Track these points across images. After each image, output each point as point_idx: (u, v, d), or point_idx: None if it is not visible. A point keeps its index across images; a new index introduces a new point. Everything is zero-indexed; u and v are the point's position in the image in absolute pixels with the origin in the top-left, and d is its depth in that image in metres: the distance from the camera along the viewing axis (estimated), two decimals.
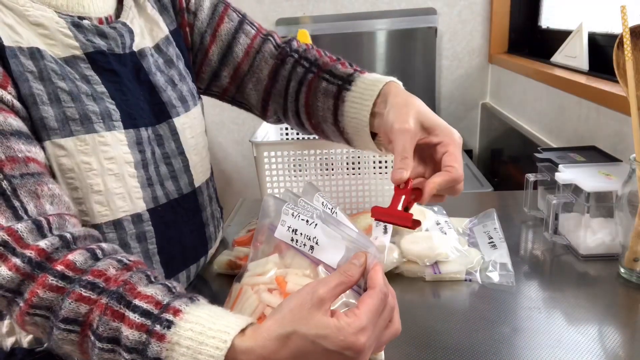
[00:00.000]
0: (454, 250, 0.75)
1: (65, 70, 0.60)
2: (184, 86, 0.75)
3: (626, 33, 0.71)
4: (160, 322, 0.46)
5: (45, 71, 0.58)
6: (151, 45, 0.72)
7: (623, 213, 0.70)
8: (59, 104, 0.58)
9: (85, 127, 0.60)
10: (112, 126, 0.62)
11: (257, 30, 0.82)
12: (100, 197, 0.61)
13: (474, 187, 1.31)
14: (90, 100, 0.61)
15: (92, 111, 0.61)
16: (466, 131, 2.09)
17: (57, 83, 0.59)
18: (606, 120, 1.09)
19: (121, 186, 0.63)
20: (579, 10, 1.55)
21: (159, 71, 0.72)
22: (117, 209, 0.63)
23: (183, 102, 0.74)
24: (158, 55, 0.73)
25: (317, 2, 1.97)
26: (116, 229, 0.63)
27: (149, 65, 0.70)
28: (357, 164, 0.89)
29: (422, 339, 0.61)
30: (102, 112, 0.61)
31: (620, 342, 0.59)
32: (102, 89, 0.63)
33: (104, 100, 0.62)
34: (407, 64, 1.99)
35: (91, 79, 0.62)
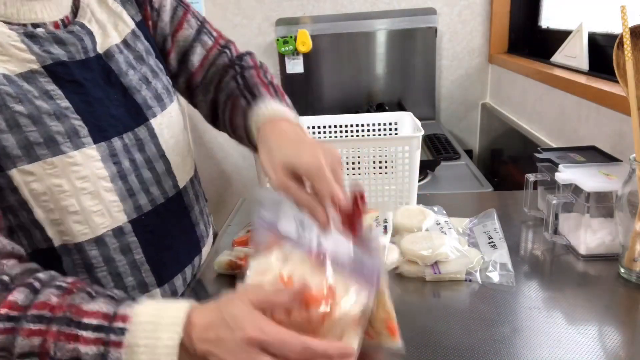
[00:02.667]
0: (454, 250, 0.74)
1: (23, 89, 0.56)
2: (158, 83, 0.72)
3: (626, 33, 0.70)
4: (113, 331, 0.48)
5: (0, 96, 0.54)
6: (119, 42, 0.68)
7: (623, 213, 0.70)
8: (19, 129, 0.55)
9: (52, 149, 0.57)
10: (80, 144, 0.59)
11: (214, 42, 0.80)
12: (78, 217, 0.60)
13: (474, 187, 1.31)
14: (53, 120, 0.57)
15: (56, 132, 0.57)
16: (466, 131, 2.09)
17: (14, 107, 0.55)
18: (606, 120, 1.09)
19: (98, 203, 0.61)
20: (579, 10, 1.55)
21: (131, 68, 0.68)
22: (97, 226, 0.62)
23: (159, 101, 0.71)
24: (127, 52, 0.69)
25: (317, 2, 1.97)
26: (98, 245, 0.62)
27: (119, 66, 0.67)
28: (357, 164, 0.89)
29: (422, 339, 0.61)
30: (67, 130, 0.58)
31: (620, 342, 0.59)
32: (65, 103, 0.59)
33: (68, 117, 0.59)
34: (407, 64, 1.99)
35: (53, 94, 0.58)
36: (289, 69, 2.00)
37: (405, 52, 1.97)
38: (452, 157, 1.53)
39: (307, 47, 1.94)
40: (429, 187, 1.32)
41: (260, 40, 2.04)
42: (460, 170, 1.44)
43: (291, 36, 1.94)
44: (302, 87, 2.00)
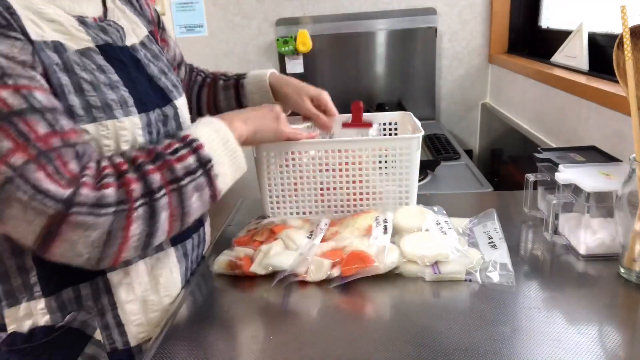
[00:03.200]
0: (454, 250, 0.74)
1: (84, 61, 0.66)
2: (172, 76, 0.83)
3: (626, 33, 0.70)
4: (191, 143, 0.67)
5: (69, 63, 0.64)
6: (138, 42, 0.79)
7: (623, 213, 0.70)
8: (82, 93, 0.64)
9: (107, 114, 0.66)
10: (128, 112, 0.68)
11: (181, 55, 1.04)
12: None
13: (474, 187, 1.31)
14: (108, 90, 0.67)
15: (111, 99, 0.67)
16: (466, 131, 2.09)
17: (80, 74, 0.64)
18: (606, 120, 1.09)
19: None
20: (579, 10, 1.55)
21: (151, 63, 0.79)
22: None
23: (176, 88, 0.83)
24: (146, 51, 0.80)
25: (317, 2, 1.97)
26: None
27: (142, 58, 0.78)
28: (358, 164, 0.89)
29: (422, 339, 0.61)
30: (119, 99, 0.68)
31: (620, 342, 0.59)
32: (116, 77, 0.69)
33: (119, 88, 0.68)
34: (407, 64, 1.99)
35: (106, 69, 0.68)
36: (289, 69, 2.00)
37: (405, 52, 1.97)
38: (452, 157, 1.53)
39: (307, 47, 1.94)
40: (429, 187, 1.32)
41: (260, 40, 2.04)
42: (460, 170, 1.44)
43: (291, 36, 1.94)
44: None
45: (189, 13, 2.01)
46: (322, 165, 0.89)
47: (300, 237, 0.81)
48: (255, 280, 0.76)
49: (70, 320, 0.71)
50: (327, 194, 0.91)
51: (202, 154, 0.67)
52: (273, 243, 0.80)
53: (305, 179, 0.90)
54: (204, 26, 2.03)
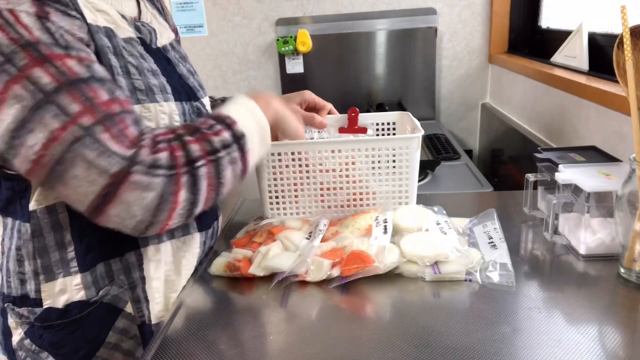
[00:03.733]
0: (454, 250, 0.74)
1: (129, 48, 0.71)
2: (197, 77, 0.88)
3: (626, 33, 0.70)
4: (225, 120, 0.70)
5: (119, 47, 0.69)
6: (167, 44, 0.84)
7: (623, 213, 0.70)
8: (128, 76, 0.69)
9: (150, 97, 0.71)
10: (168, 98, 0.74)
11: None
12: None
13: (474, 187, 1.31)
14: (151, 75, 0.72)
15: (153, 84, 0.72)
16: (466, 131, 2.09)
17: (127, 58, 0.70)
18: (606, 120, 1.09)
19: None
20: (579, 10, 1.55)
21: (180, 63, 0.84)
22: None
23: (202, 89, 0.88)
24: (174, 52, 0.85)
25: (317, 2, 1.97)
26: None
27: (172, 58, 0.83)
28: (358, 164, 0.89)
29: (422, 339, 0.61)
30: (160, 85, 0.73)
31: (620, 342, 0.59)
32: (155, 66, 0.74)
33: (159, 76, 0.74)
34: (407, 64, 1.99)
35: (146, 58, 0.74)
36: (289, 69, 2.00)
37: (405, 52, 1.97)
38: (452, 157, 1.53)
39: (307, 47, 1.94)
40: (429, 187, 1.32)
41: (260, 40, 2.04)
42: (460, 170, 1.44)
43: (291, 36, 1.94)
44: (302, 87, 1.99)
45: (189, 13, 2.01)
46: (322, 165, 0.89)
47: (299, 238, 0.81)
48: (254, 281, 0.76)
49: (103, 295, 0.74)
50: (327, 194, 0.91)
51: (236, 130, 0.70)
52: (272, 245, 0.79)
53: (305, 179, 0.90)
54: (204, 26, 2.03)
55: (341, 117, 1.06)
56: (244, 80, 2.10)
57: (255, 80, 2.10)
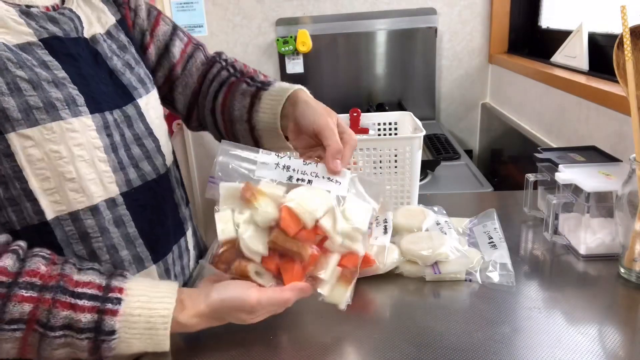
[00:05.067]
0: (454, 250, 0.74)
1: (22, 57, 0.58)
2: (140, 69, 0.76)
3: (626, 33, 0.71)
4: (110, 301, 0.55)
5: (0, 60, 0.57)
6: (102, 32, 0.72)
7: (623, 213, 0.70)
8: (19, 93, 0.57)
9: (51, 114, 0.58)
10: (78, 112, 0.61)
11: (189, 39, 0.88)
12: (74, 185, 0.61)
13: (474, 187, 1.31)
14: (52, 87, 0.59)
15: (55, 98, 0.59)
16: (466, 131, 2.09)
17: (15, 72, 0.57)
18: (606, 120, 1.09)
19: (93, 172, 0.63)
20: (579, 10, 1.55)
21: (115, 55, 0.72)
22: (92, 194, 0.63)
23: (142, 84, 0.74)
24: (111, 41, 0.73)
25: (317, 2, 1.97)
26: (94, 214, 0.63)
27: (104, 50, 0.70)
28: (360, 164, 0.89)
29: (422, 339, 0.61)
30: (66, 98, 0.60)
31: (620, 342, 0.59)
32: (62, 74, 0.61)
33: (66, 86, 0.61)
34: (407, 64, 1.98)
35: (50, 65, 0.61)
36: (289, 69, 2.00)
37: (405, 52, 1.97)
38: (452, 157, 1.53)
39: (307, 47, 1.94)
40: (429, 187, 1.32)
41: (260, 40, 2.04)
42: (460, 170, 1.44)
43: (291, 36, 1.94)
44: None
45: (189, 13, 2.01)
46: None
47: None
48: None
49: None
50: None
51: (106, 322, 0.54)
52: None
53: None
54: (204, 26, 2.03)
55: (343, 117, 1.06)
56: None
57: None
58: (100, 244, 0.65)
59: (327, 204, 0.60)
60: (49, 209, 0.61)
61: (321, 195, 0.61)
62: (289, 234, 0.57)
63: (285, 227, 0.57)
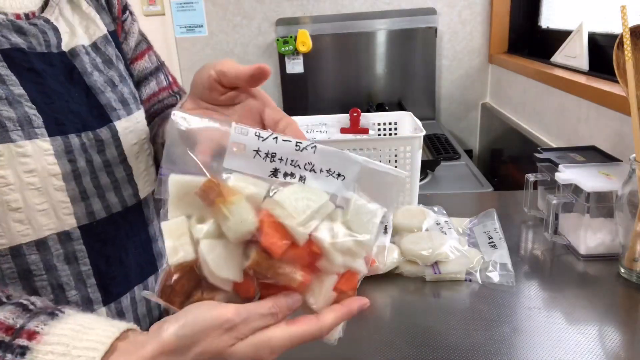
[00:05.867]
0: (454, 250, 0.74)
1: None
2: (124, 88, 0.68)
3: (626, 33, 0.71)
4: (11, 350, 0.41)
5: None
6: (87, 44, 0.65)
7: (623, 213, 0.70)
8: None
9: (0, 135, 0.51)
10: (33, 134, 0.53)
11: (169, 84, 0.80)
12: (20, 215, 0.53)
13: (474, 187, 1.31)
14: (4, 105, 0.52)
15: (7, 117, 0.52)
16: (466, 131, 2.09)
17: None
18: (606, 120, 1.09)
19: (45, 201, 0.55)
20: (579, 10, 1.55)
21: (97, 71, 0.65)
22: (41, 227, 0.55)
23: (124, 105, 0.66)
24: (95, 54, 0.66)
25: (317, 2, 1.97)
26: (39, 249, 0.55)
27: (84, 65, 0.63)
28: None
29: (422, 339, 0.61)
30: (19, 118, 0.52)
31: (620, 342, 0.59)
32: (20, 90, 0.54)
33: (22, 104, 0.53)
34: (407, 64, 1.99)
35: (7, 79, 0.53)
36: (289, 69, 2.00)
37: (405, 52, 1.97)
38: (452, 157, 1.53)
39: (307, 47, 1.94)
40: (429, 187, 1.32)
41: (260, 40, 2.04)
42: (460, 170, 1.44)
43: (291, 36, 1.94)
44: (302, 87, 2.00)
45: (189, 13, 2.01)
46: None
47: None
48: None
49: None
50: None
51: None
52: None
53: None
54: (204, 26, 2.03)
55: (343, 117, 1.06)
56: None
57: None
58: (44, 282, 0.56)
59: (324, 209, 0.44)
60: None
61: (316, 195, 0.44)
62: (274, 254, 0.41)
63: (269, 245, 0.41)
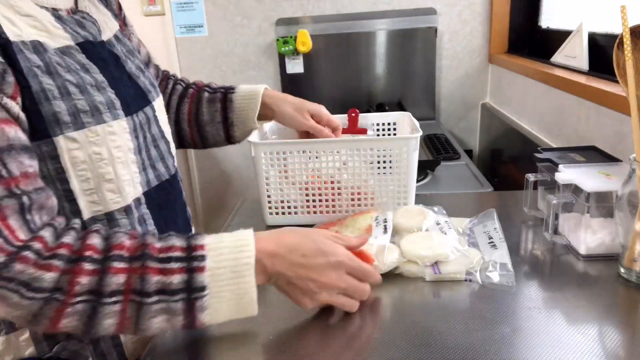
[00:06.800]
0: (454, 250, 0.74)
1: (67, 61, 0.60)
2: (148, 74, 0.77)
3: (626, 33, 0.70)
4: (195, 259, 0.54)
5: (52, 65, 0.58)
6: (111, 36, 0.73)
7: (623, 213, 0.70)
8: (69, 97, 0.59)
9: (96, 118, 0.61)
10: (116, 115, 0.63)
11: (157, 70, 0.95)
12: (112, 185, 0.63)
13: (474, 187, 1.31)
14: (95, 91, 0.61)
15: (99, 102, 0.61)
16: (466, 131, 2.09)
17: (65, 76, 0.59)
18: (606, 120, 1.09)
19: (126, 173, 0.65)
20: (579, 10, 1.55)
21: (129, 59, 0.74)
22: (127, 194, 0.65)
23: (154, 88, 0.77)
24: (121, 46, 0.74)
25: (317, 2, 1.97)
26: (127, 214, 0.66)
27: (120, 54, 0.72)
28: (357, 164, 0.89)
29: (422, 339, 0.61)
30: (107, 101, 0.62)
31: (620, 342, 0.59)
32: (101, 77, 0.63)
33: (105, 90, 0.63)
34: (407, 64, 1.98)
35: (89, 68, 0.62)
36: (289, 69, 2.00)
37: (405, 52, 1.97)
38: (452, 157, 1.53)
39: (307, 47, 1.94)
40: (429, 187, 1.32)
41: (260, 40, 2.04)
42: (460, 170, 1.44)
43: (291, 36, 1.94)
44: (302, 87, 2.00)
45: (189, 13, 2.01)
46: (322, 165, 0.89)
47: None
48: None
49: (59, 350, 0.64)
50: (327, 194, 0.91)
51: (196, 279, 0.54)
52: None
53: (303, 179, 0.90)
54: (204, 26, 2.03)
55: (341, 117, 1.06)
56: (244, 81, 2.10)
57: (255, 80, 2.10)
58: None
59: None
60: (86, 209, 0.62)
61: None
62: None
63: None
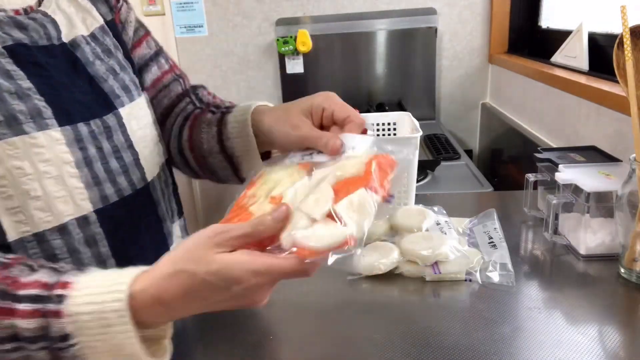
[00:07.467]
0: (454, 250, 0.74)
1: None
2: (125, 75, 0.71)
3: (626, 33, 0.70)
4: (50, 300, 0.45)
5: None
6: (86, 34, 0.68)
7: (623, 213, 0.70)
8: None
9: (13, 129, 0.54)
10: (44, 125, 0.56)
11: (170, 67, 0.82)
12: (40, 203, 0.57)
13: (474, 187, 1.31)
14: (14, 99, 0.55)
15: (18, 111, 0.54)
16: (466, 131, 2.09)
17: None
18: (606, 120, 1.09)
19: (62, 189, 0.58)
20: (579, 10, 1.55)
21: (98, 60, 0.67)
22: (60, 213, 0.58)
23: (127, 92, 0.69)
24: (95, 44, 0.68)
25: (317, 2, 1.97)
26: (62, 234, 0.59)
27: (85, 55, 0.66)
28: None
29: (422, 339, 0.61)
30: (30, 110, 0.55)
31: (620, 342, 0.59)
32: (27, 84, 0.57)
33: (31, 97, 0.56)
34: (407, 64, 1.98)
35: (14, 74, 0.56)
36: (289, 69, 2.00)
37: (405, 52, 1.97)
38: (452, 157, 1.53)
39: (307, 47, 1.94)
40: (429, 187, 1.32)
41: (260, 40, 2.04)
42: (460, 170, 1.44)
43: (291, 36, 1.94)
44: (302, 87, 2.00)
45: (189, 13, 2.01)
46: None
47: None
48: None
49: None
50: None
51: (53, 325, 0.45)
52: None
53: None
54: (204, 26, 2.03)
55: None
56: (244, 81, 2.10)
57: (255, 80, 2.10)
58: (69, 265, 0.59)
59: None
60: (11, 230, 0.56)
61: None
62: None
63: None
